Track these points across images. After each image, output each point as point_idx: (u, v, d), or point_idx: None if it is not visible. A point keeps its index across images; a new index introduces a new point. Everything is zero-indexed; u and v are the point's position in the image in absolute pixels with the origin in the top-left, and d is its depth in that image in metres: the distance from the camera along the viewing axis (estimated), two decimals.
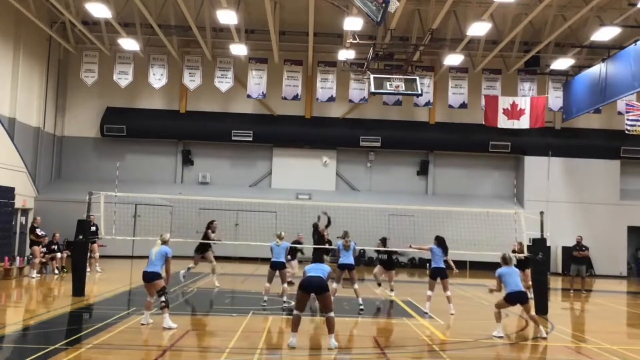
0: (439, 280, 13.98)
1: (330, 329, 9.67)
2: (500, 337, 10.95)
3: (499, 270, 11.55)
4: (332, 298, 11.83)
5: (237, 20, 22.09)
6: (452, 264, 14.63)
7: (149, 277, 11.03)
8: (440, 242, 14.23)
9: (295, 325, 9.65)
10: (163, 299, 10.85)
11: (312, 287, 9.84)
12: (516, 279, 11.35)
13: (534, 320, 11.50)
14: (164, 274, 11.15)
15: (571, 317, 15.99)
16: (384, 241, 16.51)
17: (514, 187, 27.26)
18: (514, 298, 11.25)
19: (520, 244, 16.66)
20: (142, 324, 10.88)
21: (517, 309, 15.41)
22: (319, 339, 10.62)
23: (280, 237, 14.35)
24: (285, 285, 14.15)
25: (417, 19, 23.92)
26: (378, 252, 17.68)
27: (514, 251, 16.40)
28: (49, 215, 22.26)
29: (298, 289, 9.93)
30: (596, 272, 26.97)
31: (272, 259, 14.12)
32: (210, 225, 17.04)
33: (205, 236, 16.87)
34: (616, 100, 23.30)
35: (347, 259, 14.19)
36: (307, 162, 29.06)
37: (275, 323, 11.83)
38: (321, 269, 10.11)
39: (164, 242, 11.36)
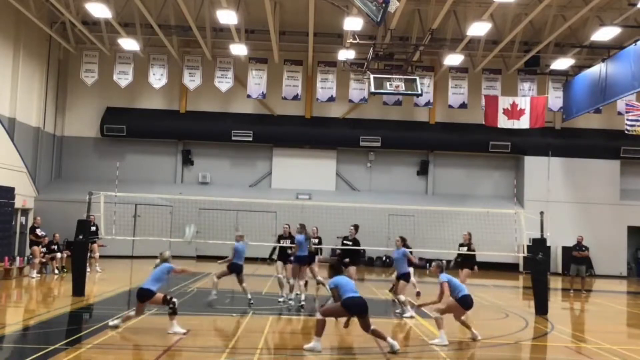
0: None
1: (381, 336, 9.48)
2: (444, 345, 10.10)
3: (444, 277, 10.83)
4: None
5: (237, 20, 22.10)
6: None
7: (140, 295, 10.48)
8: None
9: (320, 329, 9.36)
10: (170, 305, 10.40)
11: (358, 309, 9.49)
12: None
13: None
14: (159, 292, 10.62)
15: (571, 317, 15.99)
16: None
17: (514, 187, 27.27)
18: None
19: (470, 235, 16.06)
20: (110, 325, 10.37)
21: (519, 308, 15.45)
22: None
23: (240, 235, 13.68)
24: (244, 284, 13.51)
25: (417, 19, 23.92)
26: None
27: (461, 244, 15.89)
28: (49, 215, 22.26)
29: (341, 307, 9.47)
30: (596, 272, 26.98)
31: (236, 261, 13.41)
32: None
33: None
34: (616, 100, 23.30)
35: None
36: (307, 162, 29.06)
37: (275, 323, 11.82)
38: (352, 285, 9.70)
39: (164, 260, 10.90)
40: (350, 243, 15.11)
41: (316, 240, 15.09)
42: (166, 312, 10.45)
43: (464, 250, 15.81)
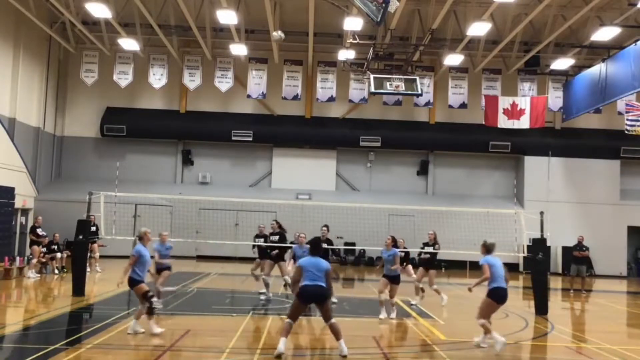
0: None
1: (336, 334, 9.06)
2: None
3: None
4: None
5: (237, 20, 22.09)
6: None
7: (128, 283, 10.28)
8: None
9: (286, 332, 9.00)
10: (147, 304, 10.13)
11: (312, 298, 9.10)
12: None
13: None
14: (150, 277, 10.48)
15: (571, 317, 15.99)
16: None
17: (514, 187, 27.27)
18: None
19: (435, 234, 15.39)
20: (129, 333, 10.05)
21: (519, 308, 15.45)
22: (319, 340, 10.63)
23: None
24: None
25: (417, 19, 23.92)
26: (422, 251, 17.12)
27: (426, 244, 15.29)
28: (49, 215, 22.24)
29: (296, 299, 9.17)
30: (596, 272, 26.96)
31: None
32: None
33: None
34: (616, 100, 23.30)
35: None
36: (307, 162, 29.05)
37: (275, 323, 11.82)
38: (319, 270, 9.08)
39: (139, 239, 10.53)
40: (277, 237, 15.12)
41: (277, 237, 15.02)
42: (162, 312, 10.41)
43: (430, 249, 15.17)
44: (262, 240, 15.15)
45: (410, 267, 16.51)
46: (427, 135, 28.87)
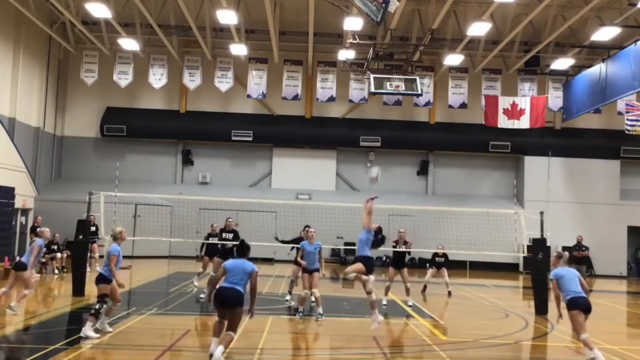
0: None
1: (225, 343, 8.33)
2: None
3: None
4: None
5: (237, 20, 22.08)
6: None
7: (98, 279, 10.10)
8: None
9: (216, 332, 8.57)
10: (97, 306, 9.85)
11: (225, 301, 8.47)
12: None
13: None
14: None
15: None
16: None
17: (514, 187, 27.27)
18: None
19: (405, 233, 15.51)
20: (86, 337, 9.52)
21: (519, 308, 15.45)
22: (318, 340, 10.63)
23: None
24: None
25: (417, 19, 23.92)
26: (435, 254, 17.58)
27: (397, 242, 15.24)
28: (49, 215, 22.22)
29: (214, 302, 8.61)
30: (596, 272, 26.95)
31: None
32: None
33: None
34: (616, 100, 23.29)
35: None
36: (307, 162, 29.05)
37: (275, 323, 11.82)
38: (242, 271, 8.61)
39: (114, 238, 10.30)
40: (231, 235, 14.89)
41: (231, 235, 14.82)
42: (162, 312, 10.40)
43: (402, 248, 15.07)
44: (216, 239, 14.98)
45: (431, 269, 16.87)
46: (427, 135, 28.87)
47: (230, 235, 14.87)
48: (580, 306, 9.47)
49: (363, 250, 10.99)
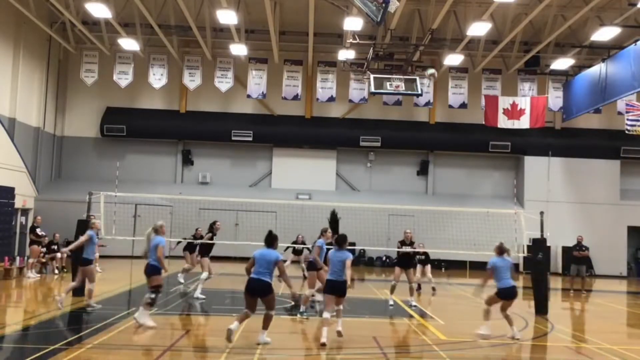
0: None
1: (265, 324, 9.56)
2: (485, 337, 10.66)
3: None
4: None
5: (237, 20, 22.09)
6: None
7: (148, 270, 10.83)
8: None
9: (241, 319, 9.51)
10: (152, 296, 10.56)
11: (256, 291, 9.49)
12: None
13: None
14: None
15: (571, 317, 15.99)
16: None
17: (514, 187, 27.26)
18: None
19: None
20: (140, 325, 10.42)
21: (519, 308, 15.45)
22: (318, 340, 10.62)
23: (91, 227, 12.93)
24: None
25: (417, 19, 23.92)
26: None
27: (402, 242, 14.97)
28: (49, 215, 22.26)
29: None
30: (596, 272, 26.97)
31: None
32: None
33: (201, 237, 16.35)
34: (616, 100, 23.30)
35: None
36: (307, 162, 29.06)
37: (275, 323, 11.80)
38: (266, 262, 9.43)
39: (156, 231, 11.06)
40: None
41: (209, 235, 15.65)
42: (162, 312, 10.41)
43: (407, 249, 14.92)
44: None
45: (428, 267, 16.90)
46: (427, 135, 28.87)
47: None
48: (508, 296, 10.96)
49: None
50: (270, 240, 9.76)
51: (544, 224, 14.61)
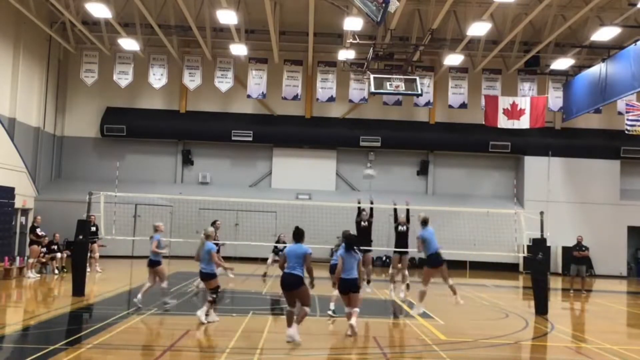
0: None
1: (299, 319, 9.81)
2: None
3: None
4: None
5: (237, 20, 22.09)
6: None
7: (202, 277, 11.56)
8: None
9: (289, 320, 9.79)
10: (214, 295, 11.29)
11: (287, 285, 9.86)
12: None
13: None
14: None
15: (571, 317, 15.99)
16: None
17: (514, 187, 27.26)
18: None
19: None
20: (203, 323, 11.03)
21: (519, 308, 15.46)
22: (318, 340, 10.63)
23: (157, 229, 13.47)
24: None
25: (417, 19, 23.92)
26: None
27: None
28: (49, 215, 22.25)
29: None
30: (596, 272, 26.97)
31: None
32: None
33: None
34: (616, 100, 23.28)
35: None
36: (307, 162, 29.05)
37: (275, 323, 11.82)
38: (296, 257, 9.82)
39: (207, 237, 11.60)
40: None
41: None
42: (162, 312, 10.43)
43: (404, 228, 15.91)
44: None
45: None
46: (427, 135, 28.86)
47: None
48: (435, 264, 12.31)
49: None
50: (299, 235, 10.10)
51: (544, 224, 14.60)
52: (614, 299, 19.58)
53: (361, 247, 13.03)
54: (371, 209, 15.79)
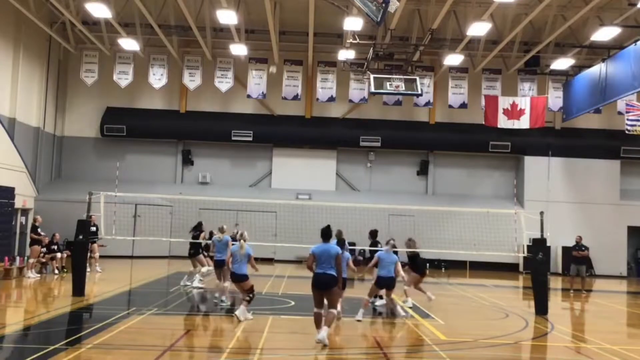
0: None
1: (327, 322, 9.74)
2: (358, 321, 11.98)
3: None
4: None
5: (237, 20, 22.09)
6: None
7: (237, 278, 11.80)
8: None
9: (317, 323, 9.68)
10: (250, 295, 11.67)
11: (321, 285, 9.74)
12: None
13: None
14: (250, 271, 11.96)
15: (571, 317, 15.99)
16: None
17: (514, 187, 27.26)
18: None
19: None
20: (240, 321, 11.31)
21: (519, 308, 15.46)
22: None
23: (222, 231, 14.47)
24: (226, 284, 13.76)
25: (417, 19, 23.92)
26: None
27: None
28: (49, 215, 22.20)
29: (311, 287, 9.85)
30: (596, 272, 26.98)
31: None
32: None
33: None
34: (616, 100, 23.28)
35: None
36: (307, 162, 29.06)
37: (275, 323, 11.82)
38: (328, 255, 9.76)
39: (244, 241, 11.94)
40: None
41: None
42: (162, 312, 10.43)
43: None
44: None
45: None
46: (427, 135, 28.86)
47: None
48: (382, 286, 12.81)
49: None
50: (328, 234, 10.05)
51: (544, 224, 14.60)
52: (614, 299, 19.58)
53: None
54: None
